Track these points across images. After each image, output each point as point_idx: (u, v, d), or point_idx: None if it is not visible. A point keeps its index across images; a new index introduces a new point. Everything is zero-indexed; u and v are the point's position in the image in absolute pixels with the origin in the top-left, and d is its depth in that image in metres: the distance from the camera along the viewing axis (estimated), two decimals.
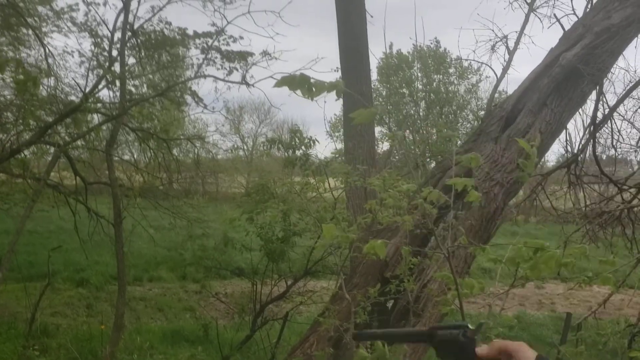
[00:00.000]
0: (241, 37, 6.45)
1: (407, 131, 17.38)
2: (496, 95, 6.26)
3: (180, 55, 7.26)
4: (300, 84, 1.35)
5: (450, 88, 18.96)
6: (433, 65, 18.76)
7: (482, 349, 0.98)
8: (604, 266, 1.76)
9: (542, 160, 7.72)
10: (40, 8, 6.97)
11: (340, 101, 7.08)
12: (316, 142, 4.52)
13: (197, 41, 6.55)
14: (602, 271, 1.76)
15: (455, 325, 1.00)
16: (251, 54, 6.38)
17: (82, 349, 6.38)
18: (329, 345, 3.41)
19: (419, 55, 18.56)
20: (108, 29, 6.62)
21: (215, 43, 6.45)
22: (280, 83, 1.36)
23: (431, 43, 18.59)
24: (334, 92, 1.44)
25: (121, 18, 6.39)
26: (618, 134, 5.27)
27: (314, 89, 1.34)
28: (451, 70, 18.90)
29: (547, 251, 1.49)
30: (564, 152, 5.95)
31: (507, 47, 5.92)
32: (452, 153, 2.24)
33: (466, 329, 0.99)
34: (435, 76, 18.93)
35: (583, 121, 6.48)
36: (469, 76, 19.17)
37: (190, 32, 6.65)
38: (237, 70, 6.43)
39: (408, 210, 2.75)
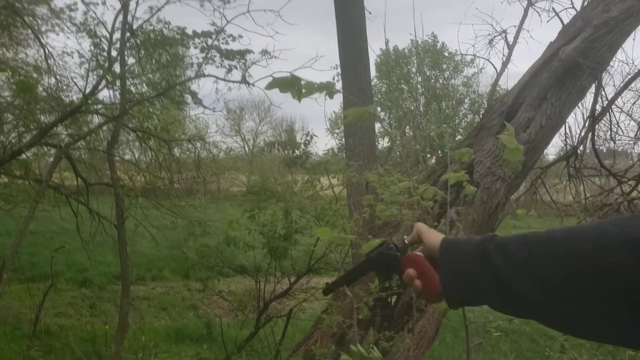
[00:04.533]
0: (240, 36, 6.46)
1: (408, 127, 17.36)
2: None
3: (180, 55, 7.26)
4: (291, 85, 1.36)
5: (445, 82, 18.97)
6: (430, 62, 18.74)
7: (408, 237, 1.09)
8: None
9: (543, 153, 7.71)
10: (39, 8, 6.97)
11: (340, 98, 7.07)
12: (314, 137, 4.52)
13: (197, 40, 6.54)
14: None
15: (379, 244, 1.12)
16: (251, 52, 6.39)
17: (86, 349, 6.40)
18: (332, 342, 3.42)
19: (416, 50, 18.54)
20: (107, 29, 6.62)
21: (215, 42, 6.45)
22: (271, 85, 1.37)
23: (429, 38, 18.58)
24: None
25: (120, 18, 6.40)
26: (617, 126, 5.27)
27: (303, 90, 1.35)
28: (444, 67, 18.90)
29: None
30: (563, 145, 5.96)
31: (506, 41, 5.92)
32: (451, 149, 2.24)
33: (388, 243, 1.10)
34: (432, 71, 18.92)
35: (582, 114, 6.49)
36: (463, 68, 19.17)
37: (189, 31, 6.66)
38: (236, 69, 6.44)
39: (407, 205, 2.75)
